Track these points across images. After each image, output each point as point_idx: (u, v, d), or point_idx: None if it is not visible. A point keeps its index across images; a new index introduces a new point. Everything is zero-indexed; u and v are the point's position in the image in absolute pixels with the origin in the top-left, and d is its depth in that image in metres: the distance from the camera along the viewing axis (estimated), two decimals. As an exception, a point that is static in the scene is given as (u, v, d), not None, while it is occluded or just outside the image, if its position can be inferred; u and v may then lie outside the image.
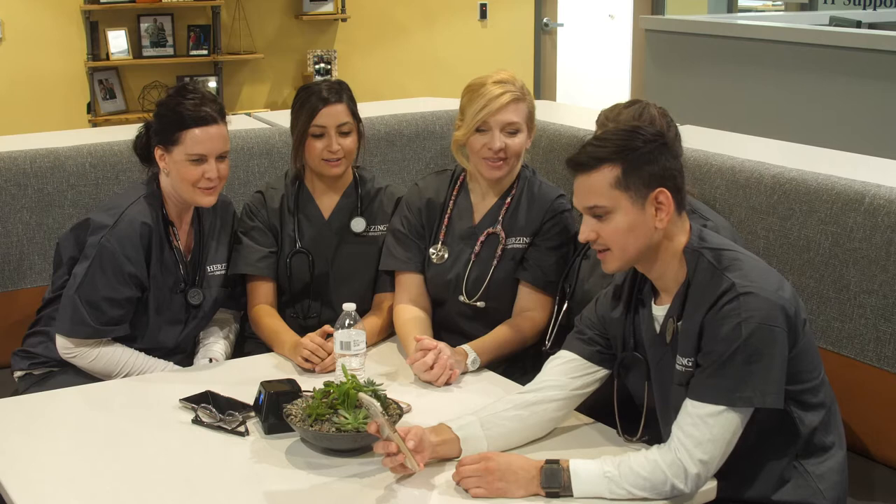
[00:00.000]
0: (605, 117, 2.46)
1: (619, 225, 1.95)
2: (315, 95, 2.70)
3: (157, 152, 2.57)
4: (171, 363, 2.63)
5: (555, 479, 1.89)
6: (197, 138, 2.52)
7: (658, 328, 2.04)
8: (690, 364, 1.94)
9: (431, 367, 2.37)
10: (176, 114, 2.54)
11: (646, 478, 1.87)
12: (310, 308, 2.78)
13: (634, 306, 2.10)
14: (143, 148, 2.64)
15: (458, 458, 2.00)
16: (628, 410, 2.13)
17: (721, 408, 1.87)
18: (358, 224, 2.79)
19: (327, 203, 2.81)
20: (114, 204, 2.60)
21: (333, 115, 2.69)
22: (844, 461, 2.07)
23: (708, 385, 1.89)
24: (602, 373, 2.14)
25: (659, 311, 2.04)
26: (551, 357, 2.18)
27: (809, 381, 1.99)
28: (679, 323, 1.97)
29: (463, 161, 2.68)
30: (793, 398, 1.96)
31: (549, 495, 1.90)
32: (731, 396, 1.86)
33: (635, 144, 1.96)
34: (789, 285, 1.97)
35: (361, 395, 1.99)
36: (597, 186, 1.95)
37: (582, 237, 2.02)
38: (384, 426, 1.92)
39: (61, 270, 2.62)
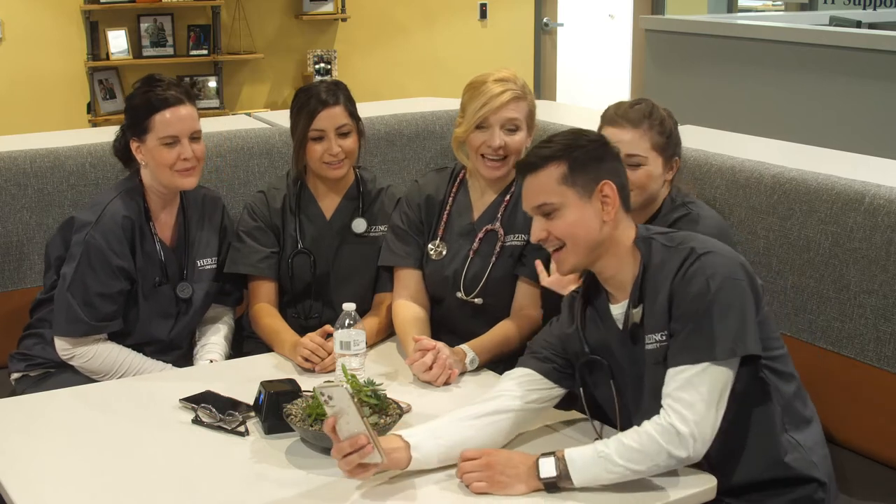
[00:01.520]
0: (615, 112, 2.45)
1: (568, 219, 1.99)
2: (313, 98, 2.70)
3: (133, 145, 2.59)
4: (169, 365, 2.63)
5: (551, 469, 1.89)
6: (167, 121, 2.54)
7: (621, 325, 2.04)
8: (664, 337, 1.95)
9: (430, 368, 2.37)
10: (144, 102, 2.56)
11: (638, 449, 1.87)
12: (311, 308, 2.79)
13: (592, 316, 2.10)
14: (123, 150, 2.65)
15: (406, 468, 1.94)
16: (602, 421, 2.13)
17: (704, 364, 1.88)
18: (359, 225, 2.80)
19: (329, 203, 2.81)
20: (95, 201, 2.63)
21: (331, 117, 2.69)
22: (823, 436, 2.11)
23: (687, 347, 1.90)
24: (558, 391, 2.13)
25: (618, 309, 2.05)
26: (507, 372, 2.17)
27: (777, 349, 2.03)
28: (640, 307, 1.99)
29: (463, 158, 2.69)
30: (766, 366, 1.99)
31: (548, 486, 1.90)
32: (713, 351, 1.88)
33: (580, 143, 2.02)
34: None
35: (319, 388, 1.90)
36: (544, 184, 2.00)
37: (533, 237, 2.05)
38: (349, 412, 1.85)
39: (51, 272, 2.63)
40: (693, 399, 1.86)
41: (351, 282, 2.80)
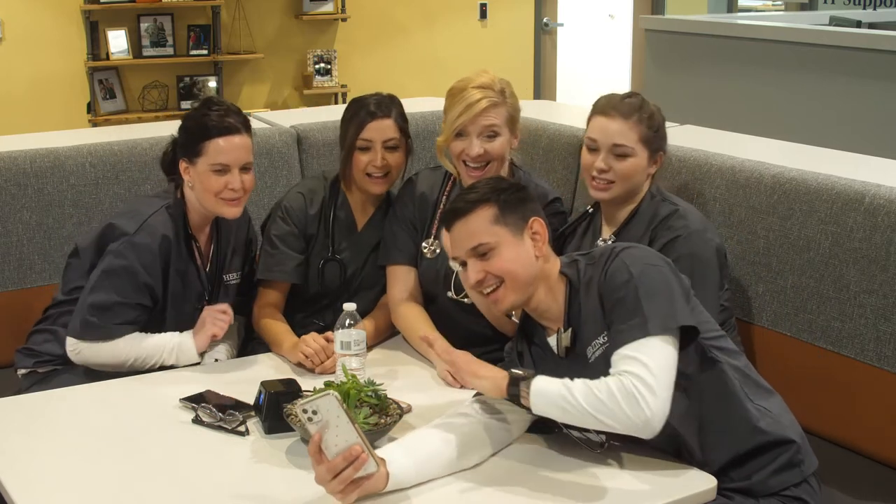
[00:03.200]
0: (606, 102, 2.48)
1: (505, 257, 2.04)
2: (364, 109, 2.71)
3: (182, 165, 2.57)
4: (175, 333, 2.57)
5: (517, 386, 1.93)
6: (220, 148, 2.52)
7: (560, 353, 2.07)
8: (604, 339, 1.98)
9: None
10: (200, 125, 2.54)
11: (601, 399, 1.83)
12: (335, 316, 2.77)
13: (538, 354, 2.13)
14: (170, 164, 2.64)
15: (384, 488, 1.86)
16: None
17: (641, 340, 1.89)
18: None
19: (362, 215, 2.81)
20: (137, 211, 2.58)
21: (380, 129, 2.69)
22: (786, 405, 2.13)
23: (622, 331, 1.92)
24: (521, 412, 2.06)
25: (553, 339, 2.09)
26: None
27: (715, 330, 2.08)
28: (569, 330, 2.04)
29: (447, 164, 2.69)
30: (712, 346, 2.04)
31: (511, 396, 1.94)
32: (646, 328, 1.90)
33: (503, 186, 2.10)
34: None
35: (300, 405, 1.80)
36: (477, 226, 2.05)
37: (471, 281, 2.06)
38: (339, 422, 1.77)
39: (75, 272, 2.61)
40: (638, 370, 1.85)
41: (374, 289, 2.80)
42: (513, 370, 1.98)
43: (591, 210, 2.62)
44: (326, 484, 1.81)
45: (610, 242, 2.47)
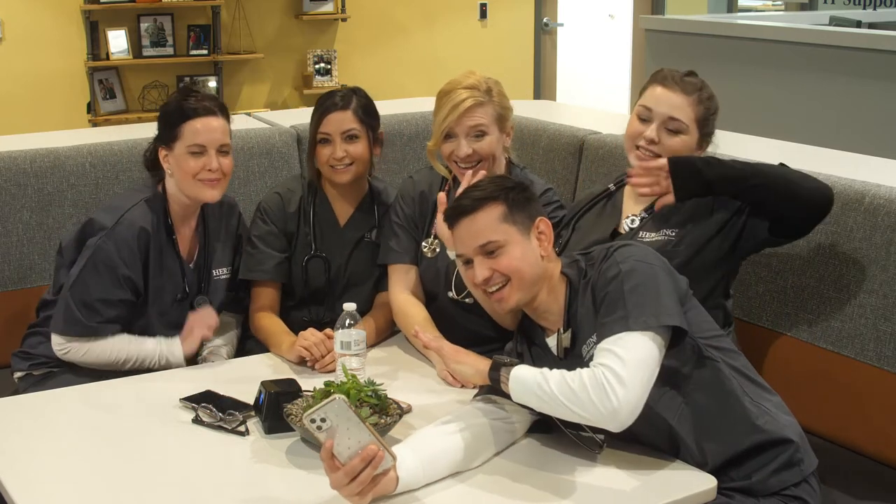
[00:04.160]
0: (668, 73, 2.44)
1: (513, 255, 2.05)
2: (328, 101, 2.72)
3: (162, 153, 2.58)
4: (163, 338, 2.58)
5: (497, 371, 1.97)
6: (196, 129, 2.53)
7: (559, 353, 2.08)
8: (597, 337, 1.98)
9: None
10: (177, 109, 2.56)
11: (573, 389, 1.85)
12: (324, 314, 2.77)
13: (538, 354, 2.14)
14: (151, 159, 2.65)
15: (394, 490, 1.85)
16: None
17: (620, 334, 1.89)
18: (375, 234, 2.81)
19: (342, 210, 2.82)
20: (115, 205, 2.60)
21: (338, 122, 2.69)
22: (785, 405, 2.13)
23: (604, 324, 1.93)
24: (525, 413, 2.08)
25: (553, 340, 2.09)
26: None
27: (712, 330, 2.08)
28: (569, 331, 2.05)
29: (440, 168, 2.69)
30: (710, 346, 2.04)
31: (492, 380, 1.98)
32: (626, 322, 1.90)
33: (509, 185, 2.11)
34: None
35: (307, 416, 1.77)
36: (485, 224, 2.06)
37: (478, 279, 2.07)
38: (349, 424, 1.75)
39: (63, 271, 2.62)
40: (612, 362, 1.85)
41: (363, 286, 2.80)
42: (497, 356, 2.00)
43: (613, 188, 2.56)
44: (343, 488, 1.80)
45: (639, 222, 2.44)
